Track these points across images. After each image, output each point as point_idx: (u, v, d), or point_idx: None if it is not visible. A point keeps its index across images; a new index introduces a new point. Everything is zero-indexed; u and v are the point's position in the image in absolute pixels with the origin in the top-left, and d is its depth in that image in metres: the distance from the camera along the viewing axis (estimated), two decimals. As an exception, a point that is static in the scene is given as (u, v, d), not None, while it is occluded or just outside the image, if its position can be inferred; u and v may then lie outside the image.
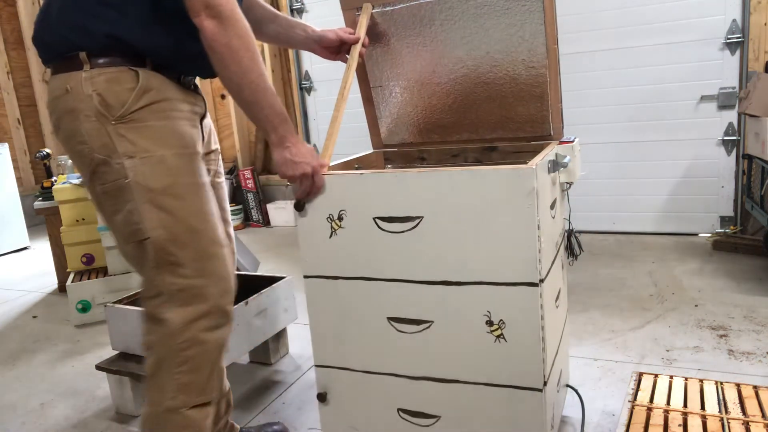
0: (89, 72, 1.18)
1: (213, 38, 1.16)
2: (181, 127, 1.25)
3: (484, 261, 1.28)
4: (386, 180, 1.34)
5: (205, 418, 1.31)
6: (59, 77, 1.21)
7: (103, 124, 1.18)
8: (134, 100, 1.19)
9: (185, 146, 1.25)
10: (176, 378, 1.25)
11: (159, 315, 1.24)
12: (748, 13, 3.15)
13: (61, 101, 1.20)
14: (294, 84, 4.61)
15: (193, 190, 1.25)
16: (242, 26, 1.18)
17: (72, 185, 2.95)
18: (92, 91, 1.17)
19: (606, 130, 3.60)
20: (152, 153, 1.20)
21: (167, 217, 1.21)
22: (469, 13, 1.56)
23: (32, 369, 2.36)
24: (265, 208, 4.73)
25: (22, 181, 5.36)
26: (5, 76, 5.33)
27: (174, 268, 1.22)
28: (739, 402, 1.44)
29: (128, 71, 1.19)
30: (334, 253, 1.42)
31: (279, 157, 1.30)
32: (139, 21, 1.19)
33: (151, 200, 1.20)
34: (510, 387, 1.32)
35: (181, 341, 1.23)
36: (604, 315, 2.40)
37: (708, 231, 3.46)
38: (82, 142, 1.20)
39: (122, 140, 1.18)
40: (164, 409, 1.26)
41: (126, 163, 1.18)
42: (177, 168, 1.22)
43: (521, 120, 1.64)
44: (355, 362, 1.48)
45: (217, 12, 1.15)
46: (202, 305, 1.25)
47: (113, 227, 1.27)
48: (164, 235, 1.21)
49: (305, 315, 1.50)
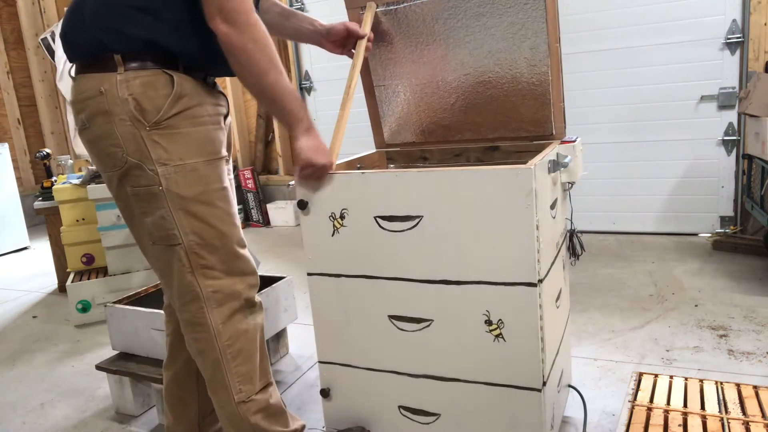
0: (124, 75, 1.18)
1: (229, 42, 1.18)
2: (211, 133, 1.28)
3: (483, 260, 1.28)
4: (386, 179, 1.34)
5: (271, 397, 1.39)
6: (91, 77, 1.21)
7: (138, 129, 1.19)
8: (169, 107, 1.20)
9: (215, 153, 1.28)
10: (235, 371, 1.32)
11: (200, 320, 1.29)
12: (748, 13, 3.15)
13: (93, 102, 1.20)
14: (294, 84, 4.61)
15: (221, 195, 1.29)
16: (257, 30, 1.19)
17: (72, 185, 2.95)
18: (128, 95, 1.18)
19: (606, 130, 3.60)
20: (185, 161, 1.23)
21: (198, 224, 1.25)
22: (471, 11, 1.56)
23: (32, 369, 2.36)
24: (265, 208, 4.73)
25: (22, 181, 5.36)
26: (5, 76, 5.33)
27: (206, 271, 1.27)
28: (739, 402, 1.44)
29: (162, 74, 1.20)
30: (336, 251, 1.43)
31: (309, 144, 1.32)
32: (174, 25, 1.20)
33: (184, 207, 1.23)
34: (509, 387, 1.32)
35: (227, 338, 1.30)
36: (604, 315, 2.40)
37: (708, 231, 3.46)
38: (116, 144, 1.21)
39: (156, 147, 1.20)
40: (236, 403, 1.33)
41: (159, 170, 1.21)
42: (207, 175, 1.26)
43: (523, 119, 1.64)
44: (357, 359, 1.49)
45: (232, 17, 1.16)
46: (234, 302, 1.31)
47: (139, 227, 1.29)
48: (196, 240, 1.25)
49: (305, 315, 1.51)
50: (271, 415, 1.38)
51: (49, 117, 5.56)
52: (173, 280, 1.29)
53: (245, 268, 1.33)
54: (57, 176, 3.41)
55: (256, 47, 1.19)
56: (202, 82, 1.29)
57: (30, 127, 5.55)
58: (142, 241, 1.31)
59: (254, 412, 1.35)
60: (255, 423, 1.35)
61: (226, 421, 1.37)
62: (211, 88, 1.32)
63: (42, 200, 3.25)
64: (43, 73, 5.48)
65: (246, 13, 1.18)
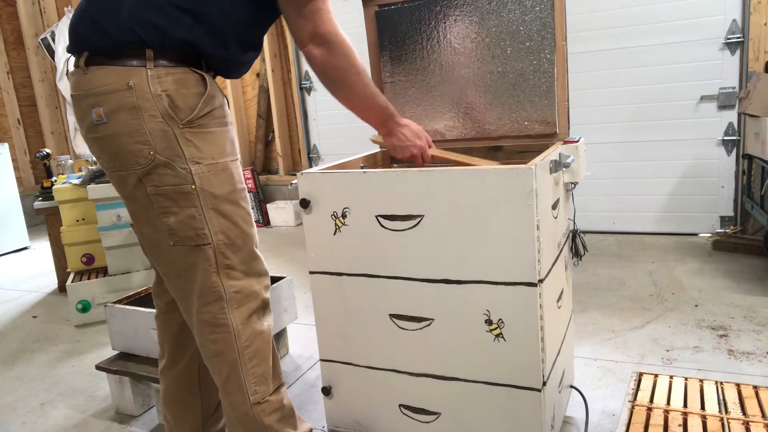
0: (154, 70, 1.17)
1: (324, 64, 1.25)
2: (232, 133, 1.30)
3: (484, 260, 1.28)
4: (388, 178, 1.34)
5: (284, 398, 1.40)
6: (114, 70, 1.17)
7: (171, 126, 1.18)
8: (202, 106, 1.21)
9: (236, 153, 1.31)
10: (252, 372, 1.32)
11: (221, 321, 1.29)
12: (748, 13, 3.15)
13: (118, 96, 1.16)
14: (294, 84, 4.61)
15: (243, 195, 1.31)
16: (347, 47, 1.26)
17: (72, 185, 2.95)
18: (161, 91, 1.17)
19: (606, 130, 3.60)
20: (216, 160, 1.24)
21: (227, 223, 1.26)
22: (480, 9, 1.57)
23: (32, 369, 2.36)
24: (265, 208, 4.73)
25: (22, 181, 5.36)
26: (5, 76, 5.33)
27: (229, 271, 1.28)
28: (739, 402, 1.44)
29: (192, 73, 1.20)
30: (338, 250, 1.44)
31: (389, 144, 1.48)
32: (212, 30, 1.20)
33: (215, 206, 1.24)
34: (509, 386, 1.32)
35: (245, 339, 1.31)
36: (604, 315, 2.40)
37: (708, 231, 3.46)
38: (143, 141, 1.18)
39: (189, 145, 1.20)
40: (251, 404, 1.33)
41: (193, 168, 1.20)
42: (233, 175, 1.27)
43: (528, 119, 1.64)
44: (358, 357, 1.49)
45: (324, 40, 1.23)
46: (253, 302, 1.32)
47: (156, 228, 1.24)
48: (224, 239, 1.26)
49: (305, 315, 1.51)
50: (284, 417, 1.38)
51: (49, 117, 5.56)
52: (195, 281, 1.27)
53: (260, 269, 1.35)
54: (57, 176, 3.41)
55: (348, 63, 1.27)
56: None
57: (30, 127, 5.55)
58: (159, 242, 1.26)
59: (269, 413, 1.34)
60: (269, 425, 1.34)
61: (237, 423, 1.35)
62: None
63: (42, 200, 3.24)
64: (43, 73, 5.48)
65: (336, 33, 1.24)
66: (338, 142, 4.51)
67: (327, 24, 1.23)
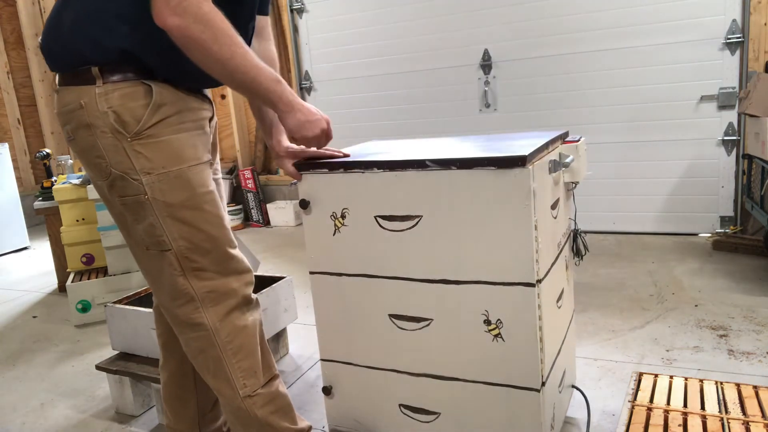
0: (102, 87, 1.17)
1: (182, 35, 1.11)
2: (193, 138, 1.27)
3: (482, 260, 1.28)
4: (387, 179, 1.34)
5: (278, 388, 1.39)
6: (71, 90, 1.20)
7: (120, 140, 1.19)
8: (149, 116, 1.19)
9: (197, 158, 1.27)
10: (238, 367, 1.32)
11: (196, 320, 1.29)
12: (748, 13, 3.15)
13: (75, 115, 1.20)
14: (294, 84, 4.61)
15: (207, 199, 1.28)
16: (208, 16, 1.11)
17: (72, 185, 2.95)
18: (107, 108, 1.17)
19: (606, 130, 3.60)
20: (168, 169, 1.22)
21: (187, 229, 1.25)
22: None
23: (32, 369, 2.36)
24: (265, 208, 4.73)
25: (22, 181, 5.36)
26: (5, 76, 5.33)
27: (199, 273, 1.27)
28: (739, 402, 1.44)
29: (141, 85, 1.19)
30: (337, 251, 1.44)
31: (294, 121, 1.29)
32: (149, 36, 1.16)
33: (171, 214, 1.23)
34: (508, 386, 1.33)
35: (226, 335, 1.30)
36: (604, 315, 2.40)
37: (708, 231, 3.46)
38: (99, 156, 1.21)
39: (139, 157, 1.20)
40: (242, 398, 1.33)
41: (144, 179, 1.21)
42: (192, 181, 1.25)
43: None
44: (358, 357, 1.50)
45: (181, 9, 1.09)
46: (230, 300, 1.31)
47: (132, 235, 1.29)
48: (186, 245, 1.25)
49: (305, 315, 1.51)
50: (279, 409, 1.38)
51: (49, 117, 5.56)
52: (164, 284, 1.29)
53: (239, 267, 1.33)
54: (57, 176, 3.41)
55: (211, 33, 1.11)
56: (185, 91, 1.26)
57: (30, 127, 5.55)
58: (135, 247, 1.31)
59: (261, 405, 1.35)
60: (262, 417, 1.34)
61: (233, 417, 1.37)
62: (194, 93, 1.29)
63: (42, 200, 3.25)
64: (43, 73, 5.48)
65: (196, 3, 1.10)
66: (338, 142, 4.49)
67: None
